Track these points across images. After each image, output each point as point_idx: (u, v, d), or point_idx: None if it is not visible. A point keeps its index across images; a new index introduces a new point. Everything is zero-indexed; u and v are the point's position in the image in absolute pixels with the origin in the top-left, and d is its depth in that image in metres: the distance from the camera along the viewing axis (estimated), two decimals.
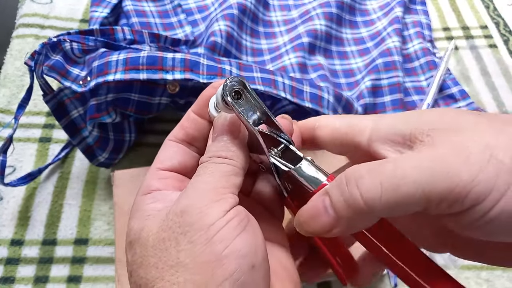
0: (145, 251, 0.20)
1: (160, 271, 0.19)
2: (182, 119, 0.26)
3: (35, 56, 0.37)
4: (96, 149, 0.45)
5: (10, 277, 0.40)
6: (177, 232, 0.19)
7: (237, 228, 0.19)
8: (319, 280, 0.26)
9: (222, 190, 0.20)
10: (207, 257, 0.18)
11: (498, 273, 0.43)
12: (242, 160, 0.22)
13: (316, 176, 0.22)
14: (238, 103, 0.22)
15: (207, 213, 0.19)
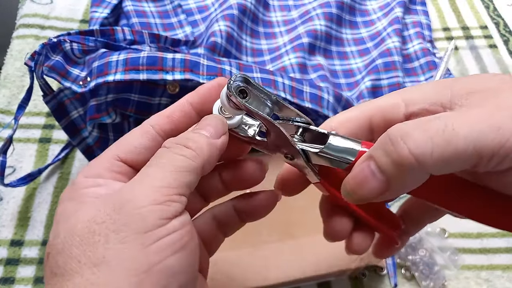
0: (70, 238, 0.18)
1: (81, 266, 0.17)
2: (172, 107, 0.23)
3: (35, 56, 0.37)
4: (96, 149, 0.45)
5: (10, 278, 0.40)
6: (110, 228, 0.17)
7: (176, 244, 0.18)
8: (368, 249, 0.26)
9: (167, 191, 0.18)
10: (137, 265, 0.17)
11: (498, 273, 0.43)
12: (205, 158, 0.20)
13: (350, 147, 0.21)
14: (249, 102, 0.21)
15: (146, 217, 0.17)
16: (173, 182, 0.19)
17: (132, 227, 0.17)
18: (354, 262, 0.38)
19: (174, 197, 0.18)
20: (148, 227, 0.17)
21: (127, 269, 0.17)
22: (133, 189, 0.18)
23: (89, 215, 0.18)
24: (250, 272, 0.37)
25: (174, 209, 0.18)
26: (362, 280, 0.42)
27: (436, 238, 0.44)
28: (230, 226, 0.25)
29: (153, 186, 0.18)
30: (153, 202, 0.18)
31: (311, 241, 0.39)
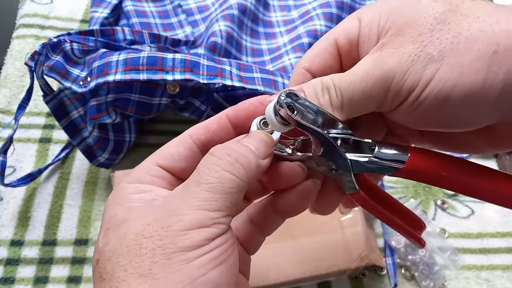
0: (119, 247, 0.19)
1: (127, 276, 0.18)
2: (210, 119, 0.24)
3: (35, 56, 0.37)
4: (96, 149, 0.45)
5: (10, 278, 0.40)
6: (157, 243, 0.18)
7: (218, 259, 0.19)
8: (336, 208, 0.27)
9: (216, 214, 0.19)
10: (181, 278, 0.18)
11: (498, 273, 0.43)
12: (251, 177, 0.21)
13: (398, 153, 0.22)
14: (297, 116, 0.22)
15: (193, 237, 0.18)
16: (221, 205, 0.19)
17: (178, 245, 0.18)
18: (354, 262, 0.38)
19: (221, 219, 0.19)
20: (193, 246, 0.18)
21: (172, 282, 0.18)
22: (182, 207, 0.19)
23: (138, 228, 0.19)
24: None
25: (219, 230, 0.19)
26: (362, 280, 0.42)
27: (436, 238, 0.44)
28: (268, 224, 0.26)
29: (202, 210, 0.19)
30: (200, 225, 0.19)
31: (311, 241, 0.39)
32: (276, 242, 0.39)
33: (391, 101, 0.21)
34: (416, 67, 0.20)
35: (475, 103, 0.20)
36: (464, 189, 0.22)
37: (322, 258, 0.38)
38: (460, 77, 0.19)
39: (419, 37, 0.20)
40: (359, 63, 0.22)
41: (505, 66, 0.19)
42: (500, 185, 0.21)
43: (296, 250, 0.39)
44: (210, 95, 0.45)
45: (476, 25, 0.19)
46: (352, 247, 0.39)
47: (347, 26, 0.24)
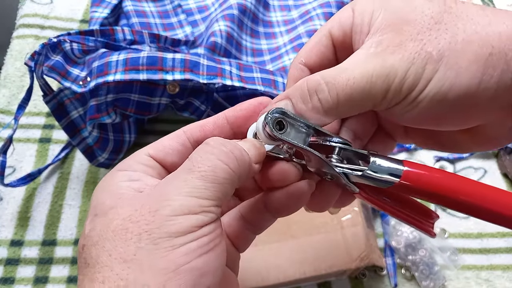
0: (105, 232, 0.19)
1: (111, 260, 0.18)
2: (207, 119, 0.24)
3: (35, 56, 0.37)
4: (96, 149, 0.45)
5: (10, 278, 0.40)
6: (143, 228, 0.18)
7: (205, 247, 0.18)
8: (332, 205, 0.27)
9: (205, 202, 0.19)
10: (166, 264, 0.17)
11: (498, 273, 0.43)
12: (244, 171, 0.21)
13: (393, 167, 0.22)
14: (286, 133, 0.22)
15: (180, 224, 0.18)
16: (211, 194, 0.19)
17: (164, 231, 0.18)
18: (354, 262, 0.38)
19: (211, 208, 0.19)
20: (180, 232, 0.18)
21: (156, 268, 0.17)
22: (171, 193, 0.19)
23: (126, 214, 0.19)
24: (250, 273, 0.37)
25: (207, 219, 0.19)
26: (362, 280, 0.42)
27: (436, 238, 0.44)
28: (261, 223, 0.26)
29: (192, 197, 0.19)
30: (189, 212, 0.18)
31: (311, 241, 0.39)
32: (276, 242, 0.39)
33: (390, 99, 0.21)
34: (416, 66, 0.20)
35: (469, 104, 0.20)
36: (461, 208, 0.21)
37: (322, 258, 0.38)
38: (457, 78, 0.19)
39: (418, 35, 0.20)
40: (353, 58, 0.22)
41: (499, 69, 0.19)
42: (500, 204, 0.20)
43: (296, 250, 0.39)
44: (210, 95, 0.45)
45: (471, 27, 0.20)
46: (352, 247, 0.39)
47: (341, 16, 0.24)
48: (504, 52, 0.19)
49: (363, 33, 0.22)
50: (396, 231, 0.44)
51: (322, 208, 0.26)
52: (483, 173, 0.50)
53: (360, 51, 0.22)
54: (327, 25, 0.24)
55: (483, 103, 0.20)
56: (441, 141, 0.25)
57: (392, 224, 0.44)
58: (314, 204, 0.26)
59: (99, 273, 0.18)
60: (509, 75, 0.19)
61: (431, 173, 0.21)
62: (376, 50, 0.21)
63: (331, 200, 0.26)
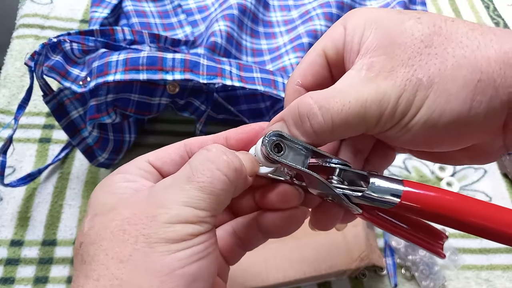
0: (104, 232, 0.19)
1: (108, 260, 0.18)
2: (208, 136, 0.25)
3: (35, 56, 0.37)
4: (96, 149, 0.45)
5: (10, 278, 0.40)
6: (141, 231, 0.19)
7: (199, 254, 0.19)
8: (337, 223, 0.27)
9: (202, 213, 0.19)
10: (160, 268, 0.18)
11: (498, 273, 0.43)
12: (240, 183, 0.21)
13: (393, 187, 0.22)
14: (284, 155, 0.22)
15: (177, 230, 0.19)
16: (208, 206, 0.20)
17: (161, 236, 0.18)
18: (354, 262, 0.38)
19: (206, 219, 0.20)
20: (176, 239, 0.19)
21: (151, 270, 0.18)
22: (168, 200, 0.19)
23: (125, 215, 0.19)
24: (250, 273, 0.37)
25: (203, 228, 0.20)
26: (362, 280, 0.42)
27: None
28: (251, 241, 0.26)
29: (189, 207, 0.19)
30: (185, 221, 0.19)
31: (311, 242, 0.39)
32: (276, 243, 0.39)
33: (383, 124, 0.21)
34: (408, 93, 0.20)
35: (459, 128, 0.20)
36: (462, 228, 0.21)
37: (322, 258, 0.38)
38: (447, 104, 0.20)
39: (409, 60, 0.21)
40: (346, 81, 0.22)
41: (488, 95, 0.19)
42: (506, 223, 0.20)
43: (296, 250, 0.39)
44: (210, 95, 0.45)
45: (460, 51, 0.20)
46: (352, 247, 0.39)
47: (333, 34, 0.24)
48: (493, 78, 0.19)
49: (353, 52, 0.22)
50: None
51: (326, 227, 0.26)
52: (483, 173, 0.50)
53: (352, 72, 0.22)
54: (321, 43, 0.25)
55: (474, 127, 0.20)
56: (436, 154, 0.26)
57: None
58: (317, 224, 0.26)
59: (94, 271, 0.18)
60: (498, 101, 0.19)
61: (431, 193, 0.21)
62: (369, 75, 0.21)
63: (334, 220, 0.26)
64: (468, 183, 0.49)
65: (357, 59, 0.22)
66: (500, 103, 0.19)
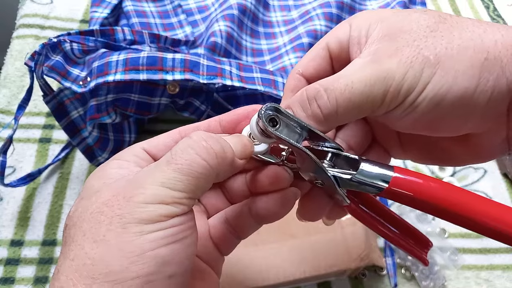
0: (84, 214, 0.20)
1: (84, 239, 0.19)
2: (202, 122, 0.25)
3: (35, 56, 0.37)
4: (96, 149, 0.45)
5: (10, 278, 0.40)
6: (116, 212, 0.19)
7: (172, 237, 0.19)
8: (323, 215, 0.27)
9: (178, 194, 0.19)
10: (132, 248, 0.18)
11: (498, 273, 0.43)
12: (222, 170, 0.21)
13: (382, 173, 0.22)
14: (279, 130, 0.22)
15: (151, 212, 0.19)
16: (185, 187, 0.20)
17: (135, 216, 0.19)
18: (354, 262, 0.38)
19: (183, 200, 0.20)
20: (149, 220, 0.19)
21: (122, 250, 0.18)
22: (146, 181, 0.20)
23: (105, 198, 0.20)
24: (250, 272, 0.37)
25: (179, 210, 0.19)
26: (362, 280, 0.42)
27: (436, 238, 0.44)
28: (245, 228, 0.26)
29: (164, 187, 0.19)
30: (160, 201, 0.19)
31: (311, 241, 0.39)
32: (276, 242, 0.39)
33: (388, 102, 0.21)
34: (414, 69, 0.20)
35: (465, 108, 0.20)
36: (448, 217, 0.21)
37: (322, 258, 0.38)
38: (454, 81, 0.20)
39: (415, 42, 0.21)
40: (351, 66, 0.22)
41: (495, 73, 0.20)
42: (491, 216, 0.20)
43: (296, 250, 0.39)
44: (210, 95, 0.45)
45: (466, 34, 0.20)
46: (352, 247, 0.39)
47: (338, 30, 0.25)
48: (500, 58, 0.20)
49: (360, 44, 0.23)
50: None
51: (313, 216, 0.26)
52: (483, 173, 0.50)
53: (357, 59, 0.22)
54: (325, 38, 0.25)
55: (479, 107, 0.20)
56: (436, 154, 0.26)
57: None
58: (305, 212, 0.26)
59: (72, 251, 0.19)
60: (504, 80, 0.20)
61: (421, 180, 0.21)
62: (373, 57, 0.21)
63: (322, 209, 0.26)
64: (468, 183, 0.49)
65: (364, 48, 0.22)
66: (506, 83, 0.20)
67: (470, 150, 0.24)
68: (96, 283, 0.18)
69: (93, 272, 0.18)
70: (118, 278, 0.18)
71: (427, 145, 0.26)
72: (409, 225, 0.26)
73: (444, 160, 0.26)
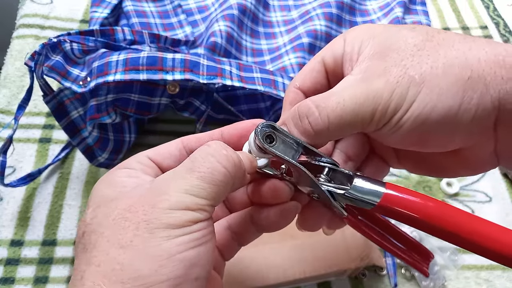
0: (105, 220, 0.20)
1: (109, 246, 0.19)
2: (204, 133, 0.26)
3: (35, 56, 0.37)
4: (96, 149, 0.45)
5: (10, 278, 0.40)
6: (141, 218, 0.19)
7: (197, 241, 0.20)
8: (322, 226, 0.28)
9: (202, 201, 0.20)
10: (160, 252, 0.18)
11: (498, 273, 0.43)
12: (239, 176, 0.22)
13: (374, 189, 0.22)
14: (275, 146, 0.23)
15: (177, 216, 0.19)
16: (207, 194, 0.20)
17: (162, 222, 0.19)
18: (354, 262, 0.38)
19: (205, 207, 0.20)
20: (176, 225, 0.19)
21: (151, 255, 0.18)
22: (170, 189, 0.20)
23: (126, 204, 0.20)
24: (250, 272, 0.37)
25: (202, 216, 0.20)
26: (362, 280, 0.42)
27: (436, 238, 0.44)
28: (246, 236, 0.27)
29: (189, 194, 0.20)
30: (186, 208, 0.20)
31: (311, 241, 0.39)
32: (276, 242, 0.39)
33: (377, 120, 0.22)
34: (400, 88, 0.21)
35: (450, 125, 0.21)
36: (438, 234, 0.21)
37: (322, 258, 0.38)
38: (438, 99, 0.20)
39: (402, 61, 0.22)
40: (342, 83, 0.23)
41: (478, 91, 0.20)
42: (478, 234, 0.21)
43: (296, 250, 0.39)
44: (210, 95, 0.45)
45: (451, 53, 0.21)
46: (352, 247, 0.39)
47: (333, 45, 0.25)
48: (483, 76, 0.20)
49: (352, 61, 0.24)
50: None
51: (312, 227, 0.27)
52: (483, 173, 0.50)
53: (349, 77, 0.23)
54: (321, 52, 0.26)
55: (464, 124, 0.21)
56: (430, 166, 0.26)
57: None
58: (304, 222, 0.27)
59: (95, 257, 0.19)
60: (488, 98, 0.20)
61: (412, 197, 0.22)
62: (363, 76, 0.22)
63: (321, 220, 0.27)
64: (468, 183, 0.49)
65: (355, 66, 0.23)
66: (490, 101, 0.20)
67: (461, 164, 0.24)
68: (126, 287, 0.18)
69: (122, 276, 0.18)
70: (148, 282, 0.18)
71: (420, 158, 0.26)
72: (409, 237, 0.27)
73: (438, 172, 0.27)
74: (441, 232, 0.21)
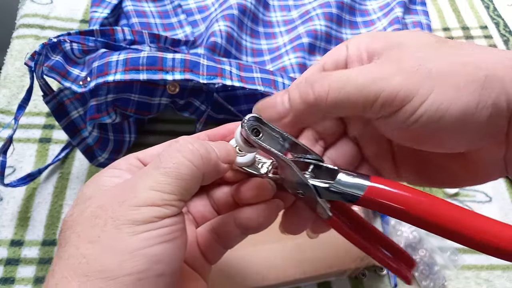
0: (79, 218, 0.21)
1: (79, 240, 0.20)
2: (194, 135, 0.26)
3: (35, 56, 0.37)
4: (96, 149, 0.45)
5: (10, 278, 0.40)
6: (109, 215, 0.20)
7: (164, 237, 0.20)
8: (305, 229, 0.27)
9: (168, 196, 0.20)
10: (124, 247, 0.19)
11: (498, 273, 0.43)
12: (207, 170, 0.22)
13: (358, 182, 0.22)
14: (262, 140, 0.23)
15: (143, 213, 0.20)
16: (175, 189, 0.21)
17: (128, 218, 0.20)
18: (354, 262, 0.38)
19: (173, 202, 0.21)
20: (141, 221, 0.20)
21: (116, 249, 0.19)
22: (138, 186, 0.21)
23: (99, 202, 0.21)
24: (249, 272, 0.37)
25: (170, 212, 0.20)
26: (362, 280, 0.42)
27: (436, 238, 0.44)
28: (229, 237, 0.26)
29: (156, 191, 0.20)
30: (152, 204, 0.20)
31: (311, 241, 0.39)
32: (276, 242, 0.39)
33: (380, 105, 0.21)
34: (414, 79, 0.20)
35: (466, 124, 0.20)
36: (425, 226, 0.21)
37: (322, 258, 0.38)
38: (455, 97, 0.20)
39: (417, 53, 0.21)
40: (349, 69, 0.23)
41: (495, 90, 0.20)
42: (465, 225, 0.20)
43: (296, 250, 0.39)
44: (210, 95, 0.45)
45: (466, 52, 0.21)
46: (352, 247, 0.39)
47: (334, 51, 0.25)
48: (501, 75, 0.20)
49: (363, 60, 0.23)
50: (396, 231, 0.44)
51: (295, 229, 0.27)
52: None
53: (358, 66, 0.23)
54: (322, 59, 0.26)
55: (481, 123, 0.20)
56: (431, 173, 0.26)
57: (392, 224, 0.44)
58: (287, 225, 0.27)
59: (66, 252, 0.20)
60: (504, 97, 0.20)
61: (395, 190, 0.21)
62: (375, 62, 0.22)
63: (305, 222, 0.26)
64: None
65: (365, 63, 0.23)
66: (506, 101, 0.20)
67: (467, 170, 0.24)
68: (90, 280, 0.18)
69: (87, 270, 0.19)
70: (111, 275, 0.18)
71: (423, 162, 0.25)
72: (394, 243, 0.27)
73: (441, 180, 0.26)
74: (427, 223, 0.21)
